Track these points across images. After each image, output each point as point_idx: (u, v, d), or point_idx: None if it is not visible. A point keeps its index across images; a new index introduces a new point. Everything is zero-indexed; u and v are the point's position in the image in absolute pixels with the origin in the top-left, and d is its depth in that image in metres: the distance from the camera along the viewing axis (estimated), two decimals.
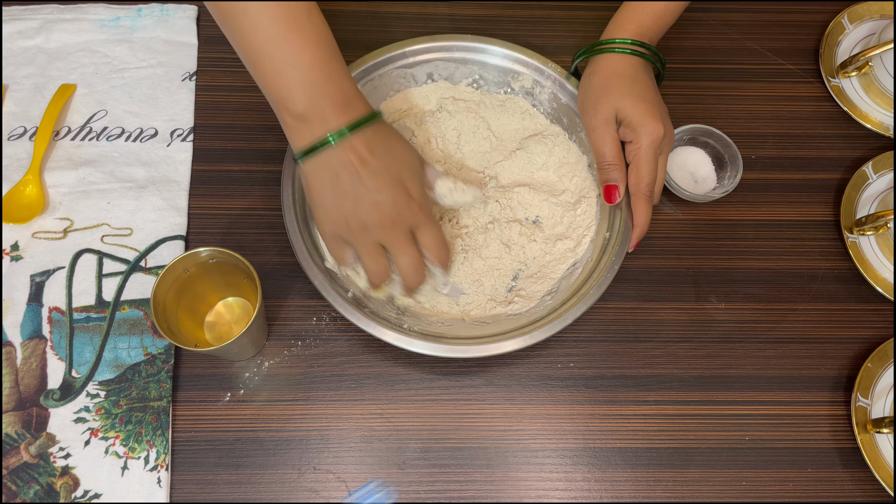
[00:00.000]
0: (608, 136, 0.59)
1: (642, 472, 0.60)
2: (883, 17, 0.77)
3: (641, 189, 0.59)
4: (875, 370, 0.62)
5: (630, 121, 0.58)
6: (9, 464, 0.57)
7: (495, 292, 0.63)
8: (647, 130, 0.58)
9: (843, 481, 0.60)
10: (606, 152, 0.60)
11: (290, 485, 0.58)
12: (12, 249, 0.63)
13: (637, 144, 0.58)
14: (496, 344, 0.56)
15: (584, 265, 0.62)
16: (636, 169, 0.59)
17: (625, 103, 0.58)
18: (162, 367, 0.60)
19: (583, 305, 0.57)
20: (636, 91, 0.59)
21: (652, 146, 0.58)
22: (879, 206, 0.68)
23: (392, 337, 0.56)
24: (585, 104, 0.61)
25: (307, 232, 0.59)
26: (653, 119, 0.58)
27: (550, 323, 0.57)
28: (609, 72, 0.60)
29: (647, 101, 0.58)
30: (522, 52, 0.67)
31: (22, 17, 0.72)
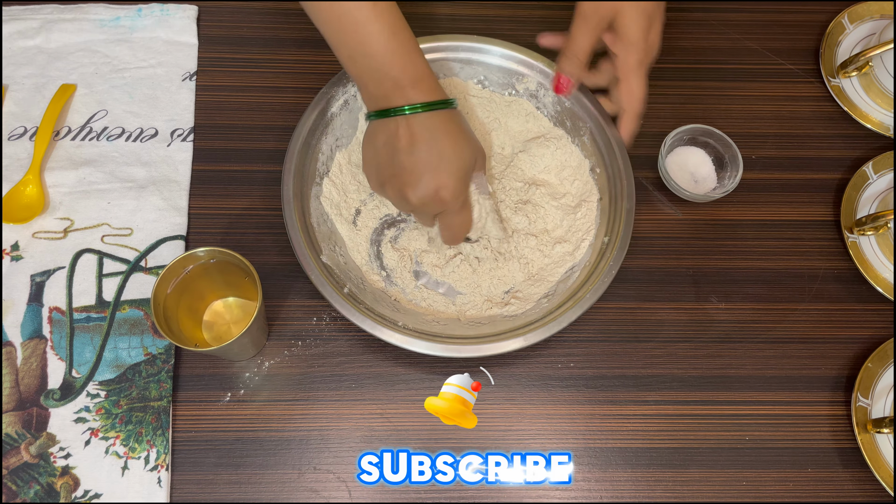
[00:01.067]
0: (593, 31, 0.58)
1: (642, 472, 0.60)
2: (883, 17, 0.77)
3: (635, 106, 0.59)
4: (875, 370, 0.62)
5: (624, 32, 0.57)
6: (9, 464, 0.57)
7: (492, 294, 0.63)
8: (637, 49, 0.57)
9: (843, 481, 0.60)
10: (583, 44, 0.58)
11: (290, 485, 0.58)
12: (12, 249, 0.63)
13: (625, 60, 0.57)
14: (495, 344, 0.56)
15: (582, 268, 0.62)
16: (627, 85, 0.58)
17: (629, 11, 0.56)
18: (162, 367, 0.60)
19: (583, 304, 0.57)
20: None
21: (641, 63, 0.57)
22: (879, 206, 0.68)
23: (392, 336, 0.56)
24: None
25: (306, 231, 0.59)
26: (644, 36, 0.57)
27: (549, 324, 0.57)
28: None
29: (647, 14, 0.57)
30: (528, 54, 0.66)
31: (22, 17, 0.72)
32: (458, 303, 0.62)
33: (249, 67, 0.72)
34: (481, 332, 0.58)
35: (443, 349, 0.56)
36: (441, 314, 0.61)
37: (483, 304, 0.62)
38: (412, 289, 0.63)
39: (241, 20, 0.75)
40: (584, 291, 0.58)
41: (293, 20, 0.75)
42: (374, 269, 0.64)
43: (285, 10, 0.75)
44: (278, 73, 0.72)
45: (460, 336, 0.57)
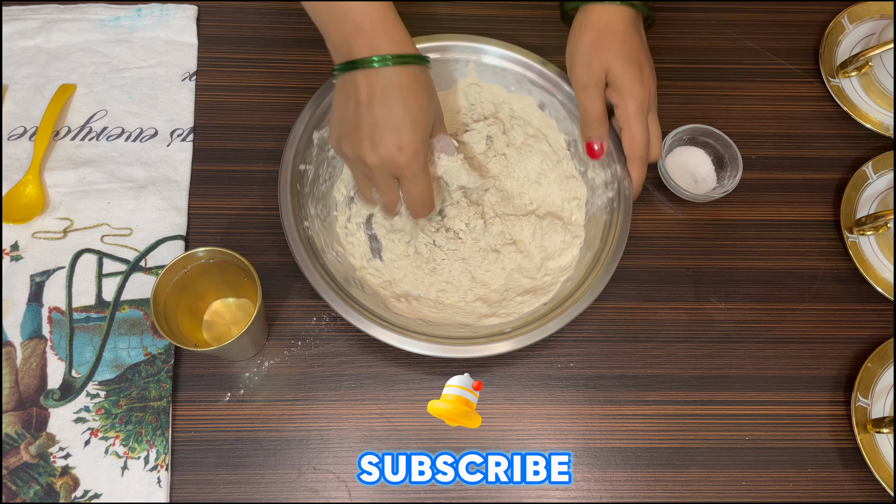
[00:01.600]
0: (597, 95, 0.60)
1: (642, 472, 0.60)
2: (883, 17, 0.77)
3: (637, 152, 0.59)
4: (875, 370, 0.62)
5: (618, 85, 0.58)
6: (9, 464, 0.57)
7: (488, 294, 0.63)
8: (633, 96, 0.58)
9: (843, 481, 0.60)
10: (594, 110, 0.60)
11: (290, 485, 0.58)
12: (12, 249, 0.63)
13: (624, 109, 0.59)
14: (493, 344, 0.56)
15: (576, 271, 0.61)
16: (629, 132, 0.59)
17: (616, 66, 0.58)
18: (162, 367, 0.60)
19: (582, 304, 0.57)
20: (626, 51, 0.58)
21: (639, 110, 0.58)
22: (879, 206, 0.68)
23: (390, 337, 0.56)
24: (574, 60, 0.61)
25: (304, 232, 0.59)
26: (638, 83, 0.58)
27: (547, 324, 0.56)
28: (600, 27, 0.59)
29: (636, 63, 0.59)
30: (527, 55, 0.66)
31: (22, 17, 0.72)
32: (453, 300, 0.62)
33: (249, 67, 0.72)
34: (478, 333, 0.58)
35: (441, 350, 0.56)
36: (438, 316, 0.61)
37: (474, 302, 0.62)
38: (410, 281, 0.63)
39: (241, 20, 0.75)
40: (581, 292, 0.58)
41: (293, 20, 0.75)
42: (372, 266, 0.64)
43: (285, 10, 0.75)
44: (278, 73, 0.72)
45: (459, 337, 0.57)
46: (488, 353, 0.56)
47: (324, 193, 0.65)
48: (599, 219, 0.62)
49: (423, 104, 0.53)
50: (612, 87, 0.59)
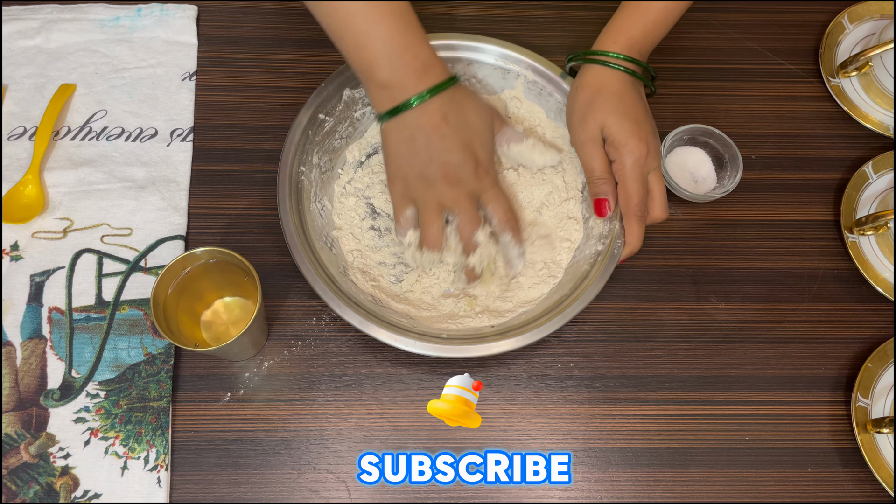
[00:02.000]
0: (596, 151, 0.60)
1: (642, 472, 0.60)
2: (883, 17, 0.77)
3: (632, 209, 0.59)
4: (875, 370, 0.62)
5: (613, 139, 0.58)
6: (9, 464, 0.57)
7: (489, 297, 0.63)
8: (630, 150, 0.58)
9: (843, 481, 0.60)
10: (595, 167, 0.60)
11: (290, 485, 0.58)
12: (12, 249, 0.63)
13: (620, 164, 0.59)
14: (492, 344, 0.56)
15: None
16: (624, 189, 0.59)
17: (610, 121, 0.58)
18: (162, 367, 0.60)
19: (583, 301, 0.57)
20: (621, 108, 0.59)
21: (636, 165, 0.58)
22: (879, 206, 0.68)
23: (389, 337, 0.56)
24: (572, 119, 0.62)
25: (303, 233, 0.59)
26: (635, 138, 0.58)
27: (546, 323, 0.57)
28: (596, 86, 0.60)
29: (631, 118, 0.58)
30: (527, 54, 0.66)
31: (22, 17, 0.72)
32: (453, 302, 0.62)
33: (249, 67, 0.72)
34: (477, 333, 0.58)
35: (439, 350, 0.56)
36: (437, 314, 0.61)
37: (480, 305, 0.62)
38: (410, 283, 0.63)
39: (241, 20, 0.75)
40: (584, 286, 0.58)
41: (293, 20, 0.75)
42: (376, 268, 0.64)
43: (285, 10, 0.75)
44: (278, 73, 0.72)
45: (458, 337, 0.57)
46: (486, 353, 0.56)
47: (335, 148, 0.65)
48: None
49: (473, 114, 0.57)
50: (609, 143, 0.59)
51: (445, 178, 0.56)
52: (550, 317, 0.57)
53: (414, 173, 0.56)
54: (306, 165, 0.62)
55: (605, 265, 0.59)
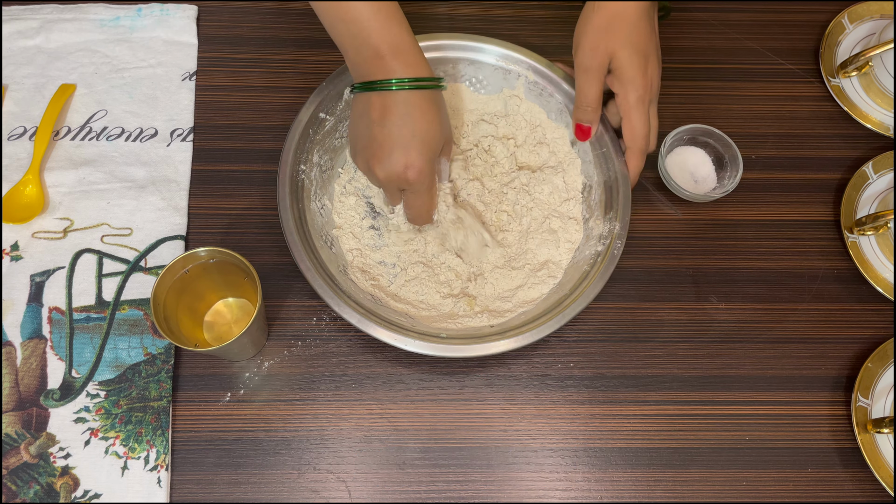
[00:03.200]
0: (596, 80, 0.60)
1: (642, 472, 0.60)
2: (883, 16, 0.77)
3: (637, 143, 0.60)
4: (875, 370, 0.62)
5: (621, 73, 0.58)
6: (9, 464, 0.57)
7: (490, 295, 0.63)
8: (635, 86, 0.58)
9: (843, 481, 0.60)
10: (591, 95, 0.60)
11: (290, 485, 0.58)
12: (12, 249, 0.63)
13: (624, 98, 0.59)
14: (491, 343, 0.56)
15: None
16: (629, 122, 0.59)
17: (622, 52, 0.58)
18: (162, 367, 0.60)
19: (585, 298, 0.57)
20: (634, 39, 0.58)
21: (641, 100, 0.58)
22: (879, 206, 0.68)
23: (388, 336, 0.56)
24: (582, 40, 0.60)
25: (303, 232, 0.59)
26: (641, 74, 0.58)
27: (546, 323, 0.57)
28: (613, 11, 0.59)
29: (641, 52, 0.58)
30: (526, 53, 0.66)
31: (22, 17, 0.72)
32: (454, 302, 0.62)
33: (249, 67, 0.72)
34: (477, 333, 0.58)
35: (439, 349, 0.56)
36: (436, 314, 0.61)
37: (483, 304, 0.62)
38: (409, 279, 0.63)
39: (241, 20, 0.75)
40: (584, 285, 0.58)
41: (293, 20, 0.75)
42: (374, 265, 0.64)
43: (285, 10, 0.75)
44: (278, 73, 0.72)
45: (457, 336, 0.57)
46: (485, 353, 0.56)
47: (335, 147, 0.66)
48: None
49: (433, 125, 0.55)
50: (615, 75, 0.59)
51: (374, 170, 0.55)
52: (550, 317, 0.57)
53: (355, 150, 0.57)
54: (307, 164, 0.62)
55: (605, 265, 0.59)
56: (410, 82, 0.53)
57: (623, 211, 0.61)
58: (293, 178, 0.61)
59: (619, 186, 0.62)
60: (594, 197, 0.64)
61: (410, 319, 0.59)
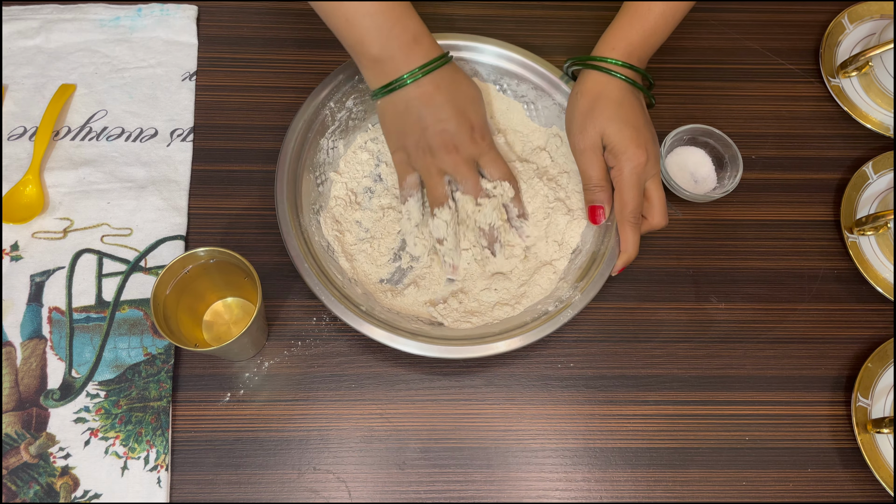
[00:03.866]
0: (595, 159, 0.60)
1: (642, 472, 0.60)
2: (883, 17, 0.77)
3: (626, 216, 0.59)
4: (875, 370, 0.62)
5: (613, 146, 0.58)
6: (9, 464, 0.57)
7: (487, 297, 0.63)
8: (628, 157, 0.58)
9: (843, 481, 0.60)
10: (593, 175, 0.60)
11: (290, 485, 0.58)
12: (12, 249, 0.63)
13: (619, 171, 0.59)
14: (490, 345, 0.56)
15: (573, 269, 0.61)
16: (620, 195, 0.59)
17: (610, 128, 0.58)
18: (162, 367, 0.60)
19: (583, 300, 0.57)
20: (621, 115, 0.59)
21: (633, 172, 0.58)
22: (879, 206, 0.68)
23: (386, 337, 0.56)
24: (572, 126, 0.61)
25: (301, 233, 0.59)
26: (634, 145, 0.58)
27: (547, 323, 0.57)
28: (595, 93, 0.60)
29: (631, 125, 0.58)
30: (524, 53, 0.66)
31: (22, 17, 0.72)
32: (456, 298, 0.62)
33: (249, 67, 0.72)
34: (476, 333, 0.58)
35: (436, 350, 0.56)
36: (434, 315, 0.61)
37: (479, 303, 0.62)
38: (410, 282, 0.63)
39: (241, 20, 0.75)
40: (581, 288, 0.58)
41: (293, 20, 0.75)
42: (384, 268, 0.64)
43: (285, 10, 0.75)
44: (278, 73, 0.72)
45: (457, 338, 0.57)
46: (484, 354, 0.56)
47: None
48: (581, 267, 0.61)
49: (465, 86, 0.59)
50: (608, 150, 0.59)
51: (444, 146, 0.57)
52: (550, 316, 0.57)
53: (412, 144, 0.58)
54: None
55: (605, 265, 0.59)
56: (421, 69, 0.56)
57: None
58: (292, 173, 0.61)
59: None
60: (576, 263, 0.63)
61: (406, 319, 0.59)
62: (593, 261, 0.60)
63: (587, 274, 0.59)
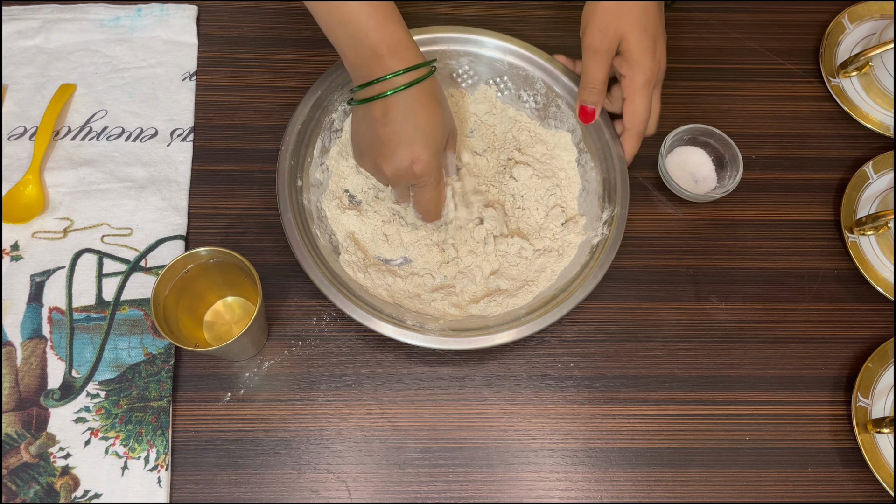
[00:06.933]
0: (604, 62, 0.60)
1: (642, 472, 0.60)
2: (883, 16, 0.77)
3: (636, 126, 0.60)
4: (875, 370, 0.62)
5: (630, 55, 0.58)
6: (9, 464, 0.57)
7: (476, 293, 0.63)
8: (643, 69, 0.58)
9: (843, 481, 0.60)
10: (598, 77, 0.60)
11: (290, 485, 0.58)
12: (12, 249, 0.63)
13: (631, 80, 0.59)
14: (490, 336, 0.56)
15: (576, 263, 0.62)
16: (631, 105, 0.59)
17: (632, 34, 0.58)
18: (162, 366, 0.60)
19: (583, 292, 0.58)
20: (644, 22, 0.58)
21: (647, 84, 0.59)
22: (880, 206, 0.68)
23: (390, 330, 0.56)
24: (591, 21, 0.60)
25: (305, 229, 0.59)
26: (650, 57, 0.58)
27: (546, 314, 0.57)
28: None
29: (650, 35, 0.58)
30: (524, 46, 0.67)
31: (22, 16, 0.72)
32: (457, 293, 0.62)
33: (249, 67, 0.72)
34: (475, 325, 0.58)
35: (438, 342, 0.56)
36: (437, 310, 0.61)
37: (479, 296, 0.62)
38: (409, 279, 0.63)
39: (241, 20, 0.75)
40: (584, 276, 0.58)
41: (293, 20, 0.75)
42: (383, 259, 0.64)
43: (285, 9, 0.75)
44: (278, 72, 0.72)
45: (457, 329, 0.58)
46: (484, 345, 0.56)
47: None
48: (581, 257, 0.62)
49: (435, 118, 0.55)
50: (624, 57, 0.59)
51: (382, 170, 0.56)
52: (550, 307, 0.57)
53: (360, 155, 0.58)
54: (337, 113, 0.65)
55: (605, 255, 0.59)
56: (405, 72, 0.53)
57: (622, 201, 0.61)
58: (293, 170, 0.61)
59: (617, 181, 0.62)
60: (591, 195, 0.64)
61: (405, 310, 0.59)
62: (591, 256, 0.61)
63: (586, 266, 0.60)
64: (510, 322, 0.58)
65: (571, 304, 0.57)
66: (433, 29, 0.67)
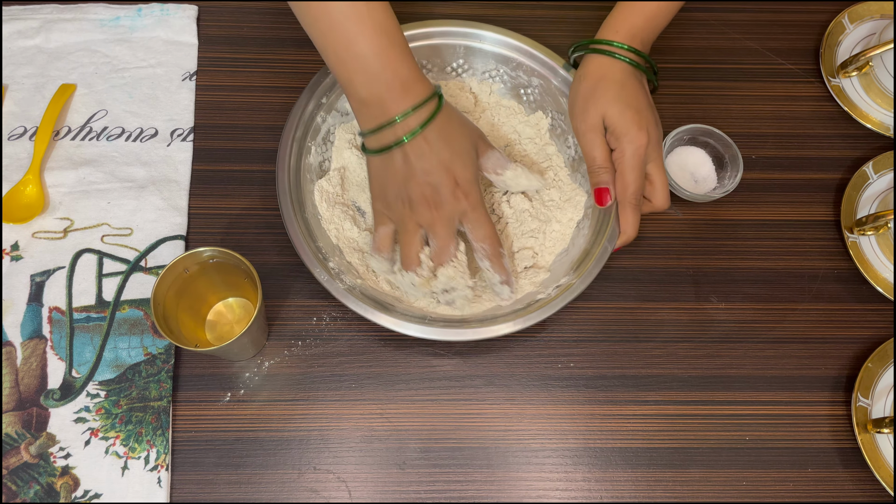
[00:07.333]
0: (597, 141, 0.60)
1: (642, 472, 0.60)
2: (883, 16, 0.77)
3: (627, 197, 0.59)
4: (875, 370, 0.62)
5: (614, 128, 0.59)
6: (9, 464, 0.57)
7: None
8: (630, 139, 0.58)
9: (843, 481, 0.60)
10: (597, 156, 0.60)
11: (290, 485, 0.58)
12: (12, 249, 0.63)
13: (620, 153, 0.59)
14: (489, 328, 0.56)
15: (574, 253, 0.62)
16: (621, 177, 0.59)
17: (611, 110, 0.58)
18: (162, 367, 0.60)
19: (587, 279, 0.58)
20: (623, 97, 0.59)
21: (635, 155, 0.58)
22: (880, 206, 0.68)
23: (391, 322, 0.56)
24: (574, 108, 0.62)
25: (306, 228, 0.59)
26: (635, 127, 0.58)
27: (544, 307, 0.57)
28: (598, 76, 0.60)
29: (632, 107, 0.58)
30: (522, 39, 0.67)
31: (22, 16, 0.72)
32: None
33: (249, 67, 0.72)
34: (477, 317, 0.58)
35: (439, 333, 0.56)
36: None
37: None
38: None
39: (241, 20, 0.75)
40: (584, 267, 0.58)
41: (293, 20, 0.74)
42: None
43: (285, 10, 0.75)
44: (278, 73, 0.72)
45: (456, 320, 0.58)
46: (484, 337, 0.56)
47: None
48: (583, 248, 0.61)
49: (456, 136, 0.55)
50: (610, 132, 0.59)
51: (423, 199, 0.54)
52: (550, 298, 0.57)
53: (393, 193, 0.55)
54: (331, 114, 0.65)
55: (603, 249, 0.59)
56: (415, 110, 0.52)
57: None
58: (293, 168, 0.62)
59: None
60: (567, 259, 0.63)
61: (407, 305, 0.59)
62: (586, 253, 0.61)
63: (584, 261, 0.59)
64: (510, 314, 0.57)
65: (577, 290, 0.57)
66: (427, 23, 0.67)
